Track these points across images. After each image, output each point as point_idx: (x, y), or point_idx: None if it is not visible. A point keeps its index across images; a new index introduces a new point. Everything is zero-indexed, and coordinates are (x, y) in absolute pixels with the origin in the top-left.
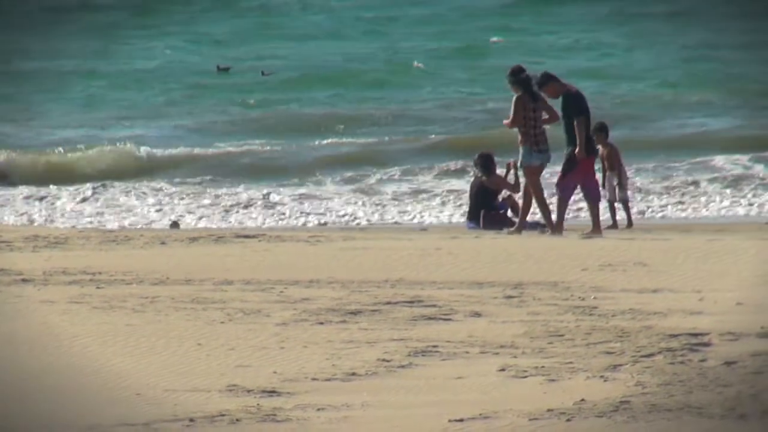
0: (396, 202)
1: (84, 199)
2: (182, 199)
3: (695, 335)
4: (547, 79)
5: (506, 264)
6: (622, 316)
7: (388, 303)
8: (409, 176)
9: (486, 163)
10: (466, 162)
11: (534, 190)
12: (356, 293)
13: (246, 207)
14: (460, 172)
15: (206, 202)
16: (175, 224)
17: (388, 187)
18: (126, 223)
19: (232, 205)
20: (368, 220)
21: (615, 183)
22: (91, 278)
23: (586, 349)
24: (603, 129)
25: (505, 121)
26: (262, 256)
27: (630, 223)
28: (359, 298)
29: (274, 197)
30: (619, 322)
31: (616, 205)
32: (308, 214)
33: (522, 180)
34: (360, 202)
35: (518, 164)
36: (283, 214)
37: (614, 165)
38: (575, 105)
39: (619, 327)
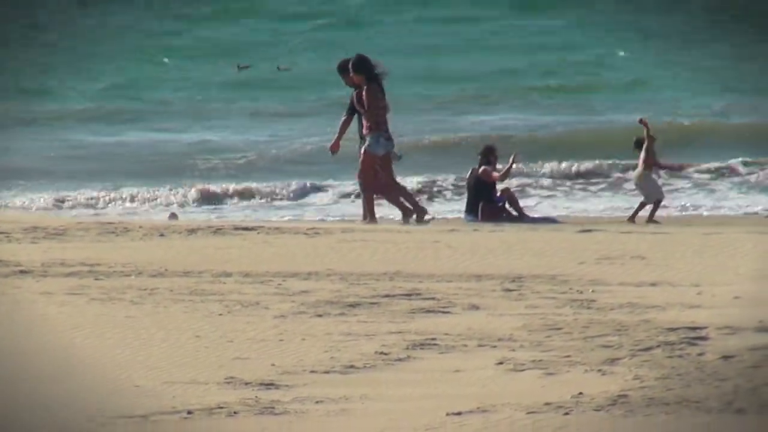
0: None
1: None
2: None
3: (693, 329)
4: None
5: (504, 257)
6: (620, 310)
7: (387, 296)
8: None
9: (486, 155)
10: None
11: (389, 177)
12: (354, 286)
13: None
14: None
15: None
16: (173, 216)
17: None
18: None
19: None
20: None
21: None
22: (89, 270)
23: (584, 342)
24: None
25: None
26: (261, 248)
27: (651, 219)
28: (358, 291)
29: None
30: (617, 316)
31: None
32: None
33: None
34: None
35: (366, 151)
36: None
37: (652, 163)
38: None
39: (617, 320)
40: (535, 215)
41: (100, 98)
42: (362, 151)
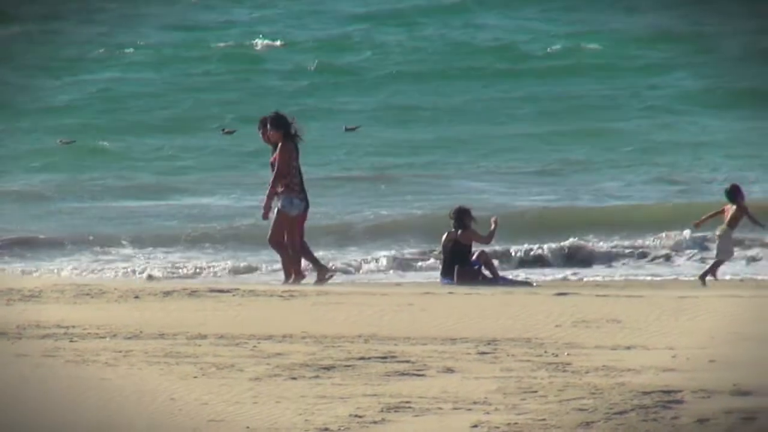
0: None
1: None
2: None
3: (668, 392)
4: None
5: (480, 320)
6: (596, 373)
7: (362, 358)
8: None
9: (461, 218)
10: None
11: (296, 237)
12: (329, 348)
13: None
14: None
15: None
16: (151, 277)
17: None
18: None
19: None
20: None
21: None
22: (65, 332)
23: (559, 405)
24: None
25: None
26: (236, 311)
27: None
28: (332, 353)
29: None
30: (592, 379)
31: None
32: None
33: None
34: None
35: (282, 211)
36: None
37: (734, 224)
38: None
39: (592, 384)
40: (511, 278)
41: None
42: (275, 210)
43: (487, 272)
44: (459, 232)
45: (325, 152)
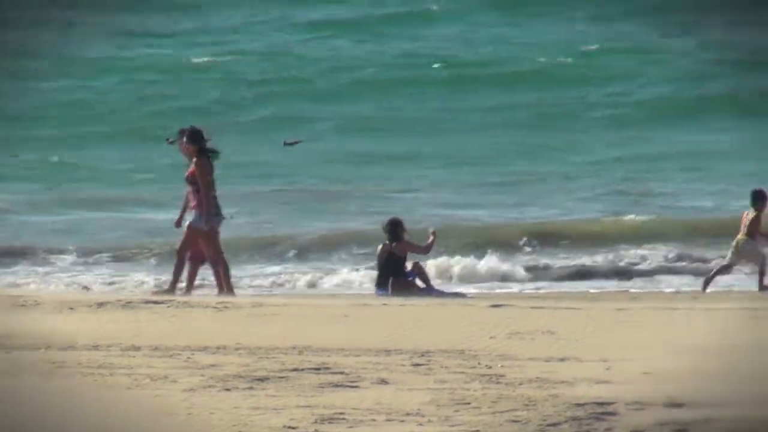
0: None
1: None
2: None
3: (601, 404)
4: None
5: (414, 331)
6: (529, 385)
7: (295, 369)
8: None
9: (394, 229)
10: None
11: (216, 252)
12: (263, 359)
13: None
14: None
15: None
16: (86, 289)
17: None
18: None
19: None
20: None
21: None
22: None
23: (492, 417)
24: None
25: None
26: (170, 322)
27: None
28: (266, 365)
29: None
30: (526, 391)
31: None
32: None
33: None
34: None
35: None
36: None
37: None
38: None
39: (526, 395)
40: (445, 290)
41: None
42: (187, 224)
43: (421, 283)
44: (393, 244)
45: (268, 166)
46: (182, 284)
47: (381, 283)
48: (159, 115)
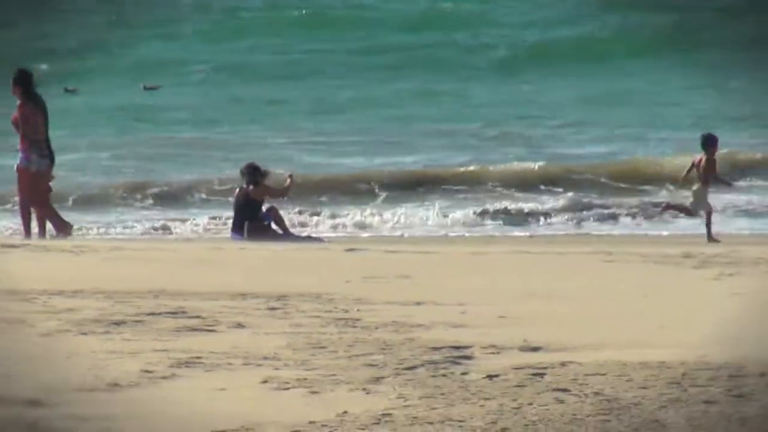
0: None
1: None
2: None
3: (458, 348)
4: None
5: (270, 275)
6: (385, 329)
7: (152, 314)
8: None
9: (252, 173)
10: None
11: (37, 194)
12: (120, 304)
13: None
14: None
15: None
16: None
17: None
18: None
19: None
20: None
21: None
22: None
23: (349, 361)
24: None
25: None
26: (26, 266)
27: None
28: (123, 309)
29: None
30: (382, 335)
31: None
32: None
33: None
34: None
35: (20, 168)
36: None
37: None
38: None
39: (382, 339)
40: (302, 234)
41: None
42: (16, 167)
43: (277, 228)
44: (250, 187)
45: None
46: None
47: (237, 227)
48: None
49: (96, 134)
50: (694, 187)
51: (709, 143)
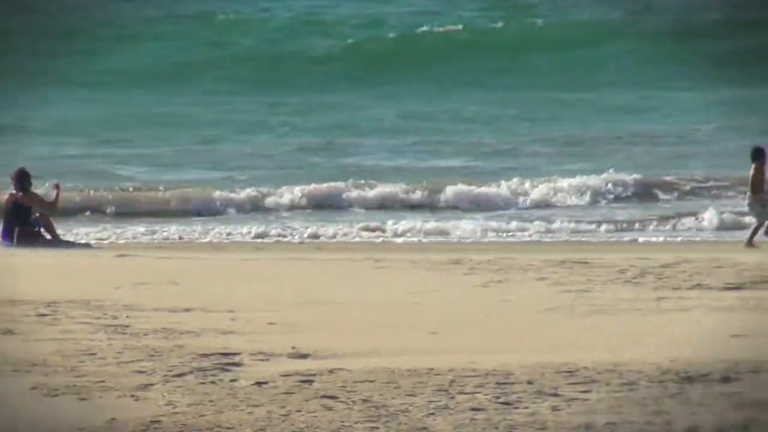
0: None
1: None
2: None
3: (226, 355)
4: None
5: (40, 282)
6: (155, 335)
7: None
8: None
9: (21, 179)
10: None
11: None
12: None
13: None
14: None
15: None
16: None
17: None
18: None
19: None
20: None
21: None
22: None
23: (118, 368)
24: None
25: None
26: None
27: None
28: None
29: None
30: (151, 341)
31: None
32: None
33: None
34: None
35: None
36: None
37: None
38: None
39: (151, 346)
40: (72, 240)
41: None
42: None
43: (47, 234)
44: (20, 194)
45: None
46: None
47: (7, 234)
48: None
49: None
50: (747, 200)
51: (754, 156)
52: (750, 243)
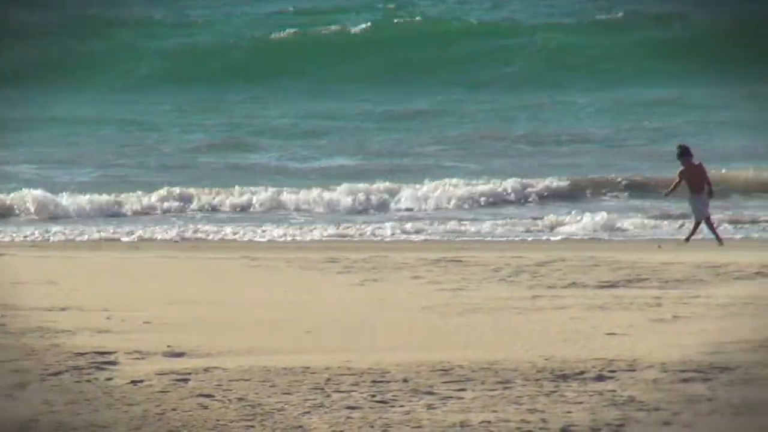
0: None
1: None
2: None
3: (102, 354)
4: None
5: None
6: (31, 334)
7: None
8: None
9: None
10: None
11: None
12: None
13: None
14: None
15: None
16: None
17: None
18: None
19: None
20: None
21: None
22: None
23: None
24: None
25: None
26: None
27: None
28: None
29: None
30: (28, 341)
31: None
32: None
33: None
34: None
35: None
36: None
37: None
38: None
39: (27, 345)
40: None
41: None
42: None
43: None
44: None
45: None
46: None
47: None
48: None
49: None
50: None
51: (680, 155)
52: (687, 240)
